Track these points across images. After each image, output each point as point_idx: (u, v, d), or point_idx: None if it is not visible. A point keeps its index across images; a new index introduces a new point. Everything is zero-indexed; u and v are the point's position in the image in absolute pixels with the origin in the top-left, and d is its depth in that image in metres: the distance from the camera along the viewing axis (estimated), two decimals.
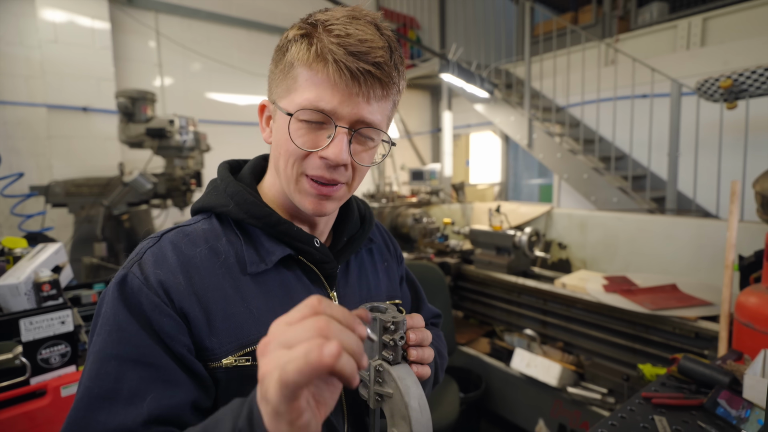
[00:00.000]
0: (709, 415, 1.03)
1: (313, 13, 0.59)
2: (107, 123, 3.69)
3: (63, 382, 1.17)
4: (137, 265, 0.57)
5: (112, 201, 2.80)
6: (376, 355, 0.54)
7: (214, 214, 0.66)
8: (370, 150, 0.62)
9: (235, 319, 0.58)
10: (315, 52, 0.55)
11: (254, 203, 0.63)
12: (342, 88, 0.55)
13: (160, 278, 0.55)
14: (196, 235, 0.62)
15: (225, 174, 0.68)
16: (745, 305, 1.44)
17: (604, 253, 3.00)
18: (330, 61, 0.54)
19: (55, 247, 1.50)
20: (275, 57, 0.62)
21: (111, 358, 0.51)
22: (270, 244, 0.63)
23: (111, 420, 0.49)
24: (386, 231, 0.90)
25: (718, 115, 3.15)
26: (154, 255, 0.58)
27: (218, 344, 0.56)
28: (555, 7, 6.07)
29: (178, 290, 0.56)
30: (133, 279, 0.55)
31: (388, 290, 0.80)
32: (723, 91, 2.84)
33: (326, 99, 0.56)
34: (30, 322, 1.15)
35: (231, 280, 0.59)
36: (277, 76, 0.61)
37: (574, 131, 4.39)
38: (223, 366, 0.56)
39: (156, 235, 0.62)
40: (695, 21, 3.97)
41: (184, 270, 0.57)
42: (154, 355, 0.52)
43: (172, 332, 0.54)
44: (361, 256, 0.77)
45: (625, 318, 2.08)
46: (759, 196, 1.59)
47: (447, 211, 4.19)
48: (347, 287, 0.71)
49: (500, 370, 2.43)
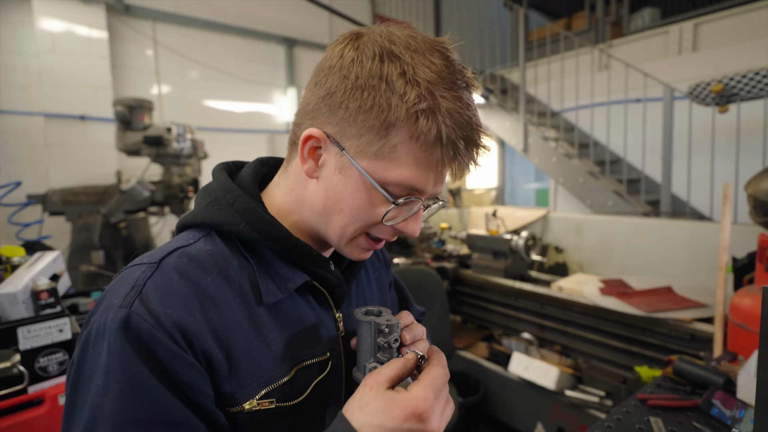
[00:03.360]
0: (704, 415, 1.04)
1: (415, 66, 0.49)
2: (104, 131, 3.70)
3: (61, 390, 1.17)
4: (139, 302, 0.46)
5: (109, 209, 2.81)
6: (371, 358, 0.55)
7: (215, 232, 0.57)
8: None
9: (255, 356, 0.52)
10: (436, 136, 0.48)
11: (271, 224, 0.55)
12: (440, 167, 0.51)
13: (173, 319, 0.46)
14: (203, 259, 0.52)
15: (228, 184, 0.58)
16: (739, 306, 1.45)
17: (600, 257, 3.01)
18: (445, 144, 0.49)
19: (52, 255, 1.50)
20: (354, 92, 0.50)
21: (128, 425, 0.42)
22: (284, 269, 0.56)
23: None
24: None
25: (710, 118, 3.19)
26: (158, 288, 0.48)
27: (239, 387, 0.50)
28: (549, 14, 6.14)
29: (198, 331, 0.47)
30: (139, 322, 0.44)
31: (380, 300, 0.79)
32: (714, 95, 2.87)
33: (423, 180, 0.52)
34: (28, 331, 1.16)
35: (246, 311, 0.52)
36: (358, 122, 0.51)
37: (569, 136, 4.43)
38: (245, 411, 0.50)
39: (151, 261, 0.51)
40: (686, 26, 4.03)
41: (200, 305, 0.49)
42: (177, 412, 0.44)
43: (195, 384, 0.46)
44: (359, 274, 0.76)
45: (621, 320, 2.10)
46: (751, 198, 1.61)
47: (444, 216, 4.21)
48: (350, 307, 0.68)
49: (498, 374, 2.43)
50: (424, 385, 0.48)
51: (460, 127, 0.49)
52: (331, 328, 0.61)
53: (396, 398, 0.46)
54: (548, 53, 4.39)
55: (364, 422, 0.46)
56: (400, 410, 0.45)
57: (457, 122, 0.49)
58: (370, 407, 0.46)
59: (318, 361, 0.58)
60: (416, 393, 0.46)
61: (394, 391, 0.47)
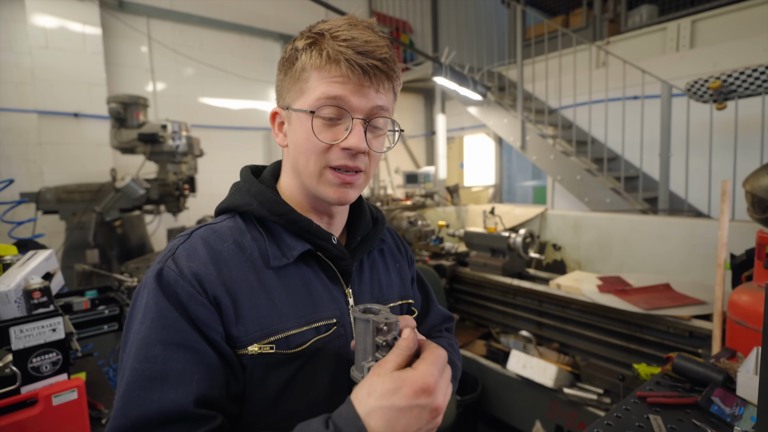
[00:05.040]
0: (703, 413, 1.03)
1: (314, 25, 0.65)
2: (99, 129, 3.67)
3: (54, 390, 1.15)
4: (171, 260, 0.61)
5: (104, 207, 2.78)
6: (369, 357, 0.54)
7: (237, 214, 0.70)
8: (380, 137, 0.68)
9: (260, 309, 0.62)
10: (327, 56, 0.61)
11: (276, 201, 0.68)
12: (354, 82, 0.61)
13: (193, 270, 0.60)
14: (223, 231, 0.67)
15: (248, 176, 0.74)
16: (737, 303, 1.45)
17: (598, 254, 3.01)
18: (342, 60, 0.60)
19: (45, 253, 1.48)
20: (283, 67, 0.67)
21: (156, 343, 0.55)
22: (291, 240, 0.68)
23: (164, 398, 0.53)
24: (397, 234, 0.94)
25: (708, 115, 3.18)
26: (186, 250, 0.62)
27: (244, 332, 0.60)
28: (546, 11, 6.13)
29: (211, 281, 0.60)
30: (168, 272, 0.59)
31: (400, 290, 0.83)
32: (712, 92, 2.87)
33: (341, 91, 0.61)
34: (20, 330, 1.14)
35: (255, 273, 0.64)
36: (287, 84, 0.67)
37: (567, 133, 4.42)
38: (248, 353, 0.60)
39: (186, 233, 0.67)
40: (684, 23, 4.02)
41: (215, 263, 0.62)
42: (194, 340, 0.57)
43: (208, 320, 0.58)
44: (373, 257, 0.81)
45: (619, 318, 2.09)
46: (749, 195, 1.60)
47: (442, 213, 4.20)
48: (362, 285, 0.75)
49: (496, 372, 2.43)
50: (429, 362, 0.51)
51: (354, 46, 0.60)
52: (339, 300, 0.70)
53: (404, 377, 0.49)
54: (546, 50, 4.38)
55: (375, 406, 0.48)
56: (410, 387, 0.48)
57: (351, 44, 0.60)
58: (379, 390, 0.48)
59: (323, 324, 0.66)
60: (423, 369, 0.50)
61: (402, 370, 0.50)
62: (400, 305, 0.82)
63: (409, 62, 5.49)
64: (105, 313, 1.68)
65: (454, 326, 0.97)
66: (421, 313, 0.91)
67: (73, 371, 1.27)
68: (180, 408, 0.52)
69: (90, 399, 1.30)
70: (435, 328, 0.92)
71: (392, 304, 0.80)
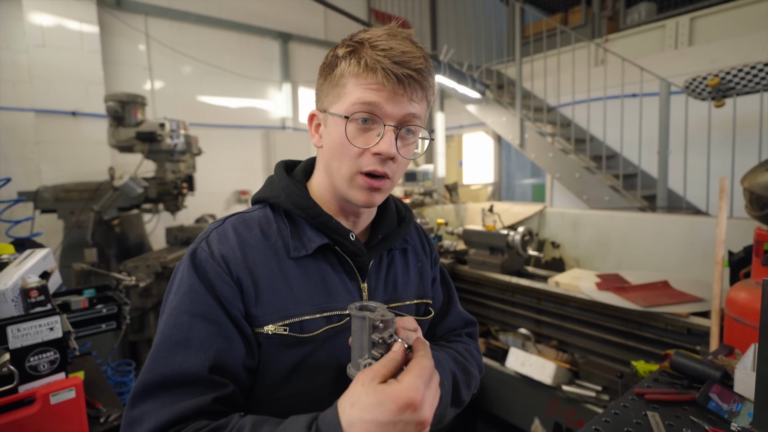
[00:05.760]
0: (701, 409, 1.03)
1: (355, 34, 0.69)
2: (97, 127, 3.65)
3: (52, 389, 1.15)
4: (205, 242, 0.68)
5: (102, 206, 2.77)
6: (365, 354, 0.53)
7: (268, 205, 0.76)
8: (410, 145, 0.71)
9: (279, 294, 0.67)
10: (365, 64, 0.64)
11: (300, 196, 0.73)
12: (389, 90, 0.64)
13: (222, 252, 0.66)
14: (252, 220, 0.73)
15: (280, 171, 0.79)
16: (735, 300, 1.45)
17: (597, 252, 3.01)
18: (379, 69, 0.63)
19: (43, 252, 1.48)
20: (323, 72, 0.71)
21: (185, 313, 0.62)
22: (312, 233, 0.72)
23: (185, 362, 0.59)
24: (425, 234, 0.95)
25: (706, 113, 3.18)
26: (218, 234, 0.69)
27: (262, 313, 0.66)
28: (545, 8, 6.12)
29: (236, 263, 0.66)
30: (201, 252, 0.67)
31: (417, 290, 0.84)
32: (711, 90, 2.87)
33: (375, 98, 0.64)
34: (17, 329, 1.13)
35: (277, 260, 0.69)
36: (326, 88, 0.70)
37: (566, 131, 4.42)
38: (264, 332, 0.66)
39: (221, 220, 0.73)
40: (683, 21, 4.02)
41: (241, 248, 0.68)
42: (217, 314, 0.63)
43: (230, 297, 0.64)
44: (393, 255, 0.83)
45: (618, 315, 2.10)
46: (747, 192, 1.60)
47: (440, 211, 4.20)
48: (378, 281, 0.78)
49: (495, 369, 2.43)
50: (415, 375, 0.50)
51: (391, 56, 0.63)
52: (354, 293, 0.73)
53: (388, 391, 0.48)
54: (545, 48, 4.37)
55: (357, 418, 0.47)
56: (393, 403, 0.47)
57: (388, 54, 0.63)
58: (362, 402, 0.48)
59: (336, 314, 0.70)
60: (408, 383, 0.49)
61: (386, 384, 0.49)
62: (416, 304, 0.83)
63: None
64: (103, 311, 1.68)
65: (477, 332, 0.97)
66: (439, 314, 0.91)
67: (71, 370, 1.26)
68: (197, 371, 0.59)
69: (88, 398, 1.30)
70: (454, 332, 0.92)
71: (408, 302, 0.81)
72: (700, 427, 0.95)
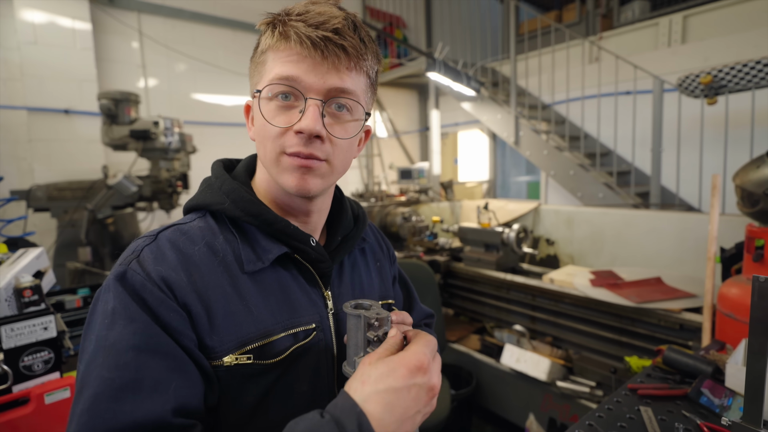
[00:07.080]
0: (692, 404, 1.04)
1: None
2: (90, 125, 3.63)
3: (47, 389, 1.15)
4: (136, 262, 0.55)
5: (96, 205, 2.76)
6: (361, 352, 0.54)
7: (209, 212, 0.65)
8: (345, 123, 0.61)
9: (235, 317, 0.57)
10: (278, 34, 0.58)
11: (250, 201, 0.63)
12: (306, 57, 0.56)
13: (162, 274, 0.54)
14: (193, 233, 0.61)
15: (220, 172, 0.68)
16: (727, 296, 1.47)
17: (591, 248, 3.03)
18: (292, 35, 0.56)
19: (36, 251, 1.47)
20: (252, 56, 0.64)
21: (127, 349, 0.50)
22: (266, 242, 0.63)
23: (137, 409, 0.47)
24: (379, 231, 0.90)
25: (699, 110, 3.21)
26: (152, 252, 0.57)
27: (219, 342, 0.56)
28: (539, 6, 6.12)
29: (180, 286, 0.55)
30: (133, 275, 0.54)
31: (380, 290, 0.79)
32: (703, 87, 2.89)
33: (294, 70, 0.57)
34: (11, 329, 1.13)
35: (229, 278, 0.59)
36: (251, 71, 0.64)
37: (560, 128, 4.44)
38: (224, 364, 0.56)
39: (152, 234, 0.61)
40: (676, 18, 4.04)
41: (185, 267, 0.56)
42: (169, 345, 0.52)
43: (179, 327, 0.53)
44: (354, 256, 0.76)
45: (611, 311, 2.11)
46: (739, 189, 1.62)
47: (436, 209, 4.21)
48: (341, 287, 0.70)
49: (490, 366, 2.45)
50: (421, 344, 0.51)
51: (306, 20, 0.56)
52: (318, 304, 0.65)
53: (396, 359, 0.48)
54: (539, 45, 4.38)
55: (371, 391, 0.46)
56: (405, 367, 0.47)
57: (303, 18, 0.56)
58: (373, 376, 0.47)
59: (302, 330, 0.62)
60: (415, 349, 0.49)
61: (394, 354, 0.50)
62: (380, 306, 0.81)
63: (402, 58, 5.48)
64: None
65: (434, 323, 0.95)
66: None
67: (66, 370, 1.26)
68: (157, 418, 0.47)
69: None
70: (417, 327, 0.92)
71: None
72: (692, 422, 0.97)
